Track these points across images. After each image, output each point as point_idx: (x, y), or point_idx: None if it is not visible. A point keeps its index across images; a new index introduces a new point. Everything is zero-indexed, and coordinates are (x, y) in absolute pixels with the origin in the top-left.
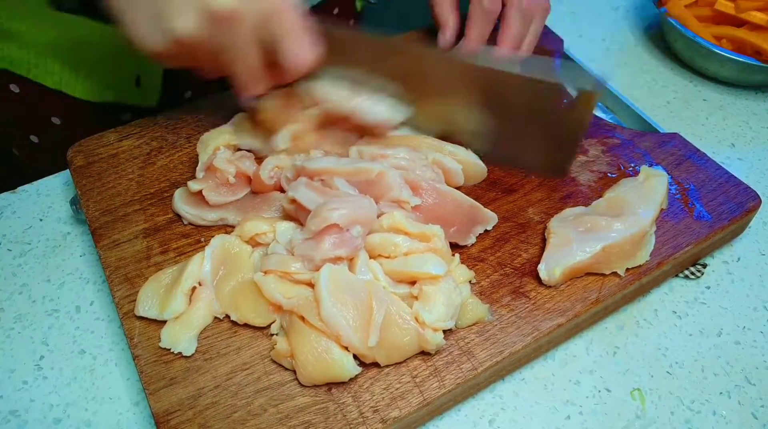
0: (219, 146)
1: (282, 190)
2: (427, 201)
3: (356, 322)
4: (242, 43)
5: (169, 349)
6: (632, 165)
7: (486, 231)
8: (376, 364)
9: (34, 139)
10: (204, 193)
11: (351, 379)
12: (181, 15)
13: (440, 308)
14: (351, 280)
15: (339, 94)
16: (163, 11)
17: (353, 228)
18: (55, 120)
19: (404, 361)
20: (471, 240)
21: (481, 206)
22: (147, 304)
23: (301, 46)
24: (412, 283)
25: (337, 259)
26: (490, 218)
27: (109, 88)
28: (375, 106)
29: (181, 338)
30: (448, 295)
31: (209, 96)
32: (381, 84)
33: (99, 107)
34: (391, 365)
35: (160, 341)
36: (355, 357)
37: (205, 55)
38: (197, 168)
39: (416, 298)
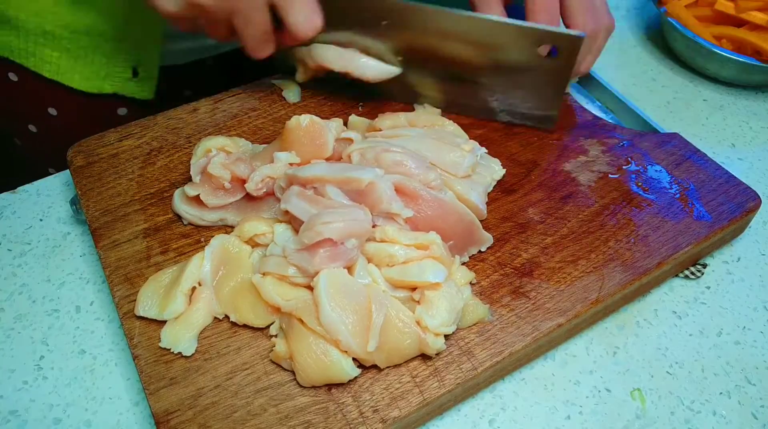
0: (210, 149)
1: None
2: (426, 212)
3: (355, 326)
4: (253, 9)
5: (169, 349)
6: (632, 165)
7: (486, 230)
8: (375, 365)
9: (32, 128)
10: (201, 197)
11: (351, 380)
12: None
13: (444, 314)
14: (350, 284)
15: (333, 55)
16: None
17: (348, 241)
18: (52, 111)
19: (404, 362)
20: (464, 259)
21: (480, 225)
22: (147, 304)
23: (306, 14)
24: (413, 288)
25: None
26: (485, 240)
27: (106, 78)
28: (366, 64)
29: (181, 338)
30: (451, 300)
31: (209, 96)
32: (373, 44)
33: (95, 99)
34: (391, 366)
35: (160, 341)
36: (355, 359)
37: (218, 17)
38: (192, 171)
39: (417, 302)
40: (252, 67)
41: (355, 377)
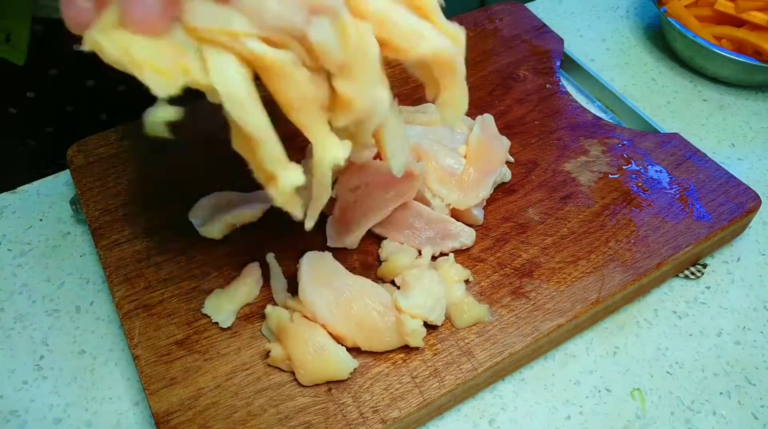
0: None
1: None
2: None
3: (332, 302)
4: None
5: (169, 352)
6: (633, 165)
7: (486, 230)
8: (376, 365)
9: None
10: None
11: (351, 380)
12: None
13: (417, 295)
14: (332, 266)
15: None
16: None
17: None
18: None
19: (403, 361)
20: (444, 248)
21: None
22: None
23: None
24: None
25: (316, 10)
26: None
27: None
28: None
29: (222, 309)
30: (429, 284)
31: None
32: None
33: None
34: (391, 365)
35: (160, 341)
36: (350, 352)
37: None
38: None
39: (398, 287)
40: None
41: (355, 378)
